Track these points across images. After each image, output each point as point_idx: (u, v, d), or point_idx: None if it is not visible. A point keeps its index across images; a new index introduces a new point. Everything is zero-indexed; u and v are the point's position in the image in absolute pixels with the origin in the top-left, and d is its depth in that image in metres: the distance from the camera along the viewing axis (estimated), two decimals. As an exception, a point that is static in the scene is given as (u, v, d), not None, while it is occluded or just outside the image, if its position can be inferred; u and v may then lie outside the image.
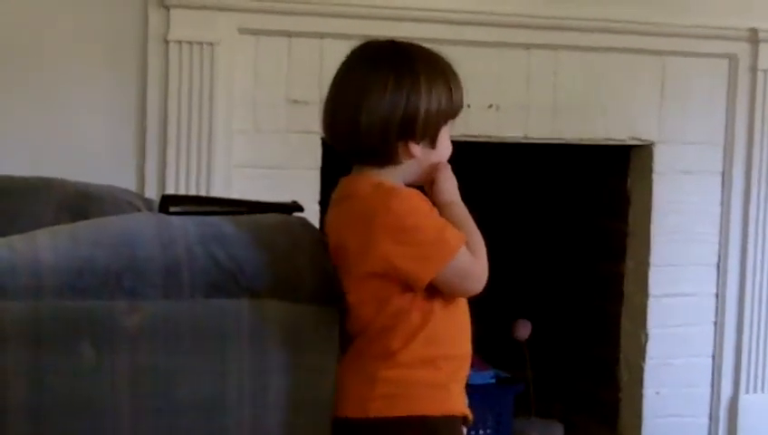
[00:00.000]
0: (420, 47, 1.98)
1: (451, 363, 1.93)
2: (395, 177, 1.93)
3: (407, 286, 1.88)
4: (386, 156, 1.91)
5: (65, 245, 1.87)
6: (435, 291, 1.90)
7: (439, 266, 1.87)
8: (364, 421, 1.89)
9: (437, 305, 1.91)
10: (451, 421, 1.93)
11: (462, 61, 2.05)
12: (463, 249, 1.88)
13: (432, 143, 1.94)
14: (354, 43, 3.43)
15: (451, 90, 1.94)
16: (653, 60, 3.73)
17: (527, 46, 3.57)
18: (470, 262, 1.89)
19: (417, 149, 1.92)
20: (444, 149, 1.97)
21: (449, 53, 3.53)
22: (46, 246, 1.87)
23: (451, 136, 2.04)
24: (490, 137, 3.50)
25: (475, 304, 2.02)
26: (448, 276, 1.88)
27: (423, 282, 1.87)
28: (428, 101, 1.90)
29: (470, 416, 1.98)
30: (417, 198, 1.90)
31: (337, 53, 3.28)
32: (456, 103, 1.95)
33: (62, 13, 3.22)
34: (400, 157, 1.91)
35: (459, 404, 1.95)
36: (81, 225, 1.98)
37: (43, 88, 3.21)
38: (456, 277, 1.89)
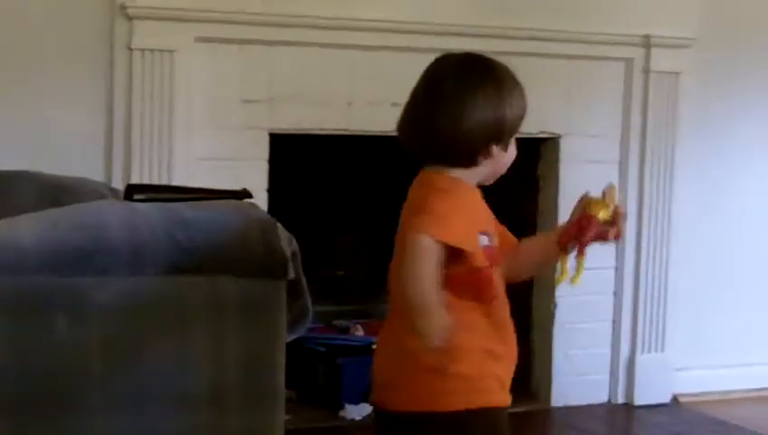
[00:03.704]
0: (492, 60, 2.02)
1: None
2: (471, 177, 2.00)
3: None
4: (469, 158, 1.96)
5: (44, 228, 1.96)
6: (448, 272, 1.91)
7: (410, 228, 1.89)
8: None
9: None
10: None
11: (381, 64, 2.22)
12: (422, 236, 1.85)
13: (506, 147, 1.99)
14: (300, 50, 3.57)
15: (524, 98, 2.00)
16: (560, 63, 3.94)
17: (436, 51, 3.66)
18: (414, 255, 1.85)
19: (496, 151, 1.97)
20: (511, 152, 2.03)
21: (383, 58, 3.62)
22: (27, 228, 1.96)
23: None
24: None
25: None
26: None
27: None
28: (512, 108, 1.97)
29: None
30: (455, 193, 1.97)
31: (285, 59, 3.59)
32: (525, 111, 2.01)
33: (39, 23, 3.39)
34: (481, 159, 1.97)
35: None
36: (58, 211, 2.08)
37: (18, 89, 3.37)
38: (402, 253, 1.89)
